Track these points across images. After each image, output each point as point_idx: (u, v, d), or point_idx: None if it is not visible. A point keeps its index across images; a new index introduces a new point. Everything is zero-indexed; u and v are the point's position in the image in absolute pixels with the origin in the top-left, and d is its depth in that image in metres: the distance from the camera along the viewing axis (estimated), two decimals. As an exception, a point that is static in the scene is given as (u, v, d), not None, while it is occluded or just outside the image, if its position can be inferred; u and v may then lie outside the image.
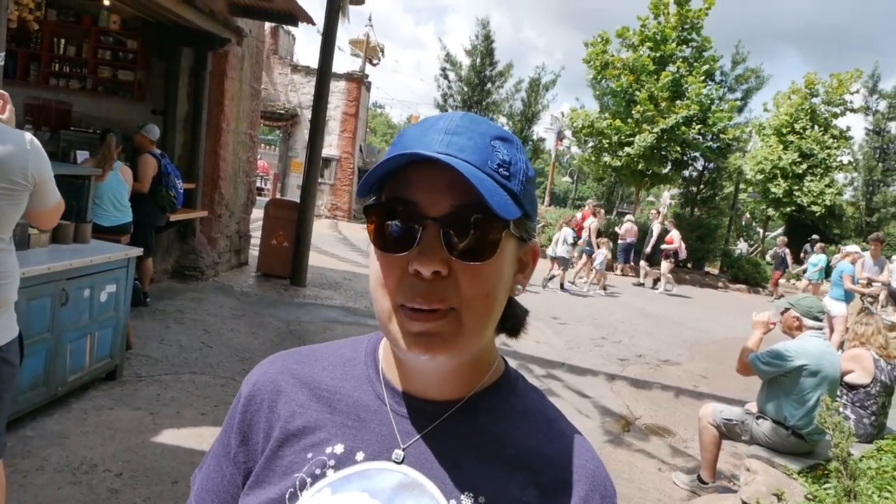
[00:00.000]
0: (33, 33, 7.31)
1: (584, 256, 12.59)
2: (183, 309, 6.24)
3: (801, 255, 16.22)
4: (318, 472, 0.68)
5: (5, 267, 1.97)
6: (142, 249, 4.55)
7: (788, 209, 19.60)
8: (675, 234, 13.66)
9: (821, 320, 3.87)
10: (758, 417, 3.87)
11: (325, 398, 0.73)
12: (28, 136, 2.01)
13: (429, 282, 0.61)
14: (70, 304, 3.61)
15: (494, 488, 0.67)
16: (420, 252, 0.61)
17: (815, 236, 16.17)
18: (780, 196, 19.35)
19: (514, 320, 0.79)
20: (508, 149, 0.66)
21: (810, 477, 3.55)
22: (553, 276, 11.88)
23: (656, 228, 14.57)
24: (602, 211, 14.23)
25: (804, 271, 14.97)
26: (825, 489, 3.13)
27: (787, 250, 15.21)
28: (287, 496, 0.68)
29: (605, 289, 12.40)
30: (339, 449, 0.69)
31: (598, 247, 12.46)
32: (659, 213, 16.41)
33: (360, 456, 0.69)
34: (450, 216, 0.61)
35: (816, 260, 13.77)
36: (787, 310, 3.96)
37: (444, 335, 0.62)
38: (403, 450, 0.69)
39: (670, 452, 4.62)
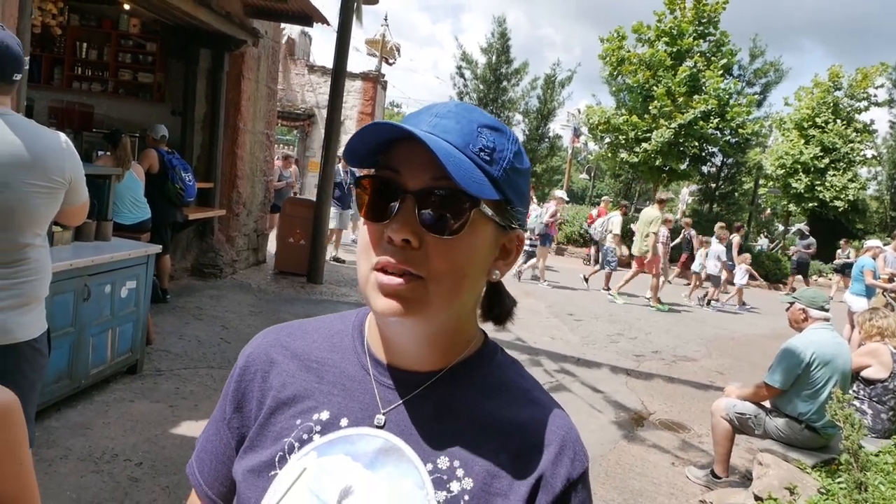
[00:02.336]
0: (56, 38, 7.49)
1: (726, 272, 12.33)
2: (202, 305, 6.36)
3: (791, 247, 16.04)
4: (305, 436, 0.73)
5: (41, 263, 2.05)
6: (160, 247, 4.66)
7: (810, 204, 19.32)
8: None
9: (827, 310, 3.84)
10: (771, 411, 3.86)
11: (313, 369, 0.79)
12: (63, 136, 2.10)
13: (401, 248, 0.66)
14: (92, 299, 3.71)
15: (469, 453, 0.71)
16: (394, 221, 0.66)
17: (799, 225, 15.87)
18: (802, 191, 19.09)
19: (500, 308, 0.82)
20: (497, 137, 0.70)
21: (824, 471, 3.54)
22: (705, 295, 11.74)
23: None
24: (742, 228, 13.63)
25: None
26: (838, 483, 3.12)
27: (693, 231, 15.15)
28: (277, 459, 0.73)
29: (743, 303, 12.25)
30: (324, 415, 0.74)
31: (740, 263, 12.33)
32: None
33: (344, 422, 0.74)
34: (425, 190, 0.66)
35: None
36: (791, 304, 3.95)
37: (410, 299, 0.67)
38: (384, 415, 0.73)
39: (684, 447, 4.62)
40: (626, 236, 14.66)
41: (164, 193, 5.95)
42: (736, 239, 12.71)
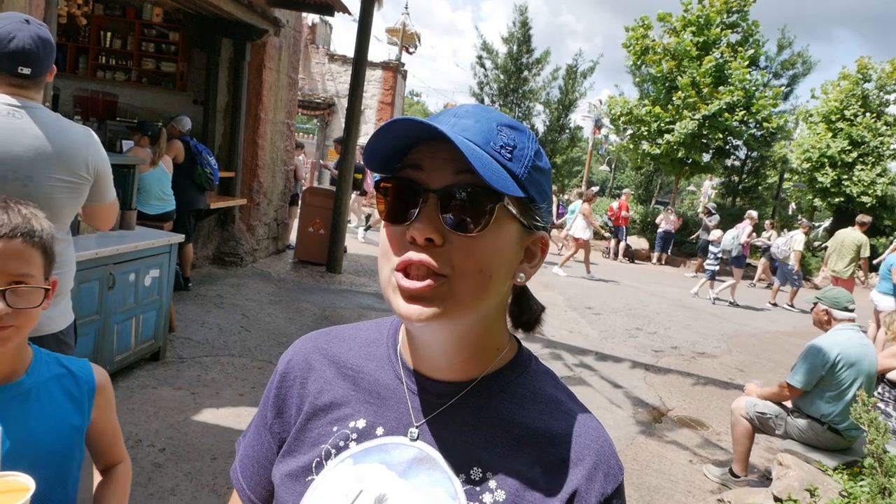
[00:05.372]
0: (81, 28, 7.57)
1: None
2: (223, 294, 6.42)
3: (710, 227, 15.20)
4: (341, 444, 0.74)
5: (65, 257, 2.08)
6: (183, 236, 4.71)
7: (836, 199, 18.92)
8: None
9: (851, 310, 3.77)
10: (793, 412, 3.81)
11: (350, 376, 0.79)
12: (89, 130, 2.11)
13: (424, 248, 0.65)
14: (116, 287, 3.77)
15: (501, 464, 0.71)
16: (418, 220, 0.65)
17: (711, 204, 15.22)
18: (828, 186, 18.67)
19: (529, 315, 0.82)
20: (517, 136, 0.69)
21: (846, 473, 3.49)
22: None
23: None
24: None
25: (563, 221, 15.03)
26: (860, 486, 3.07)
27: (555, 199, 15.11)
28: (314, 465, 0.74)
29: None
30: (361, 424, 0.75)
31: None
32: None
33: (379, 431, 0.74)
34: (448, 188, 0.65)
35: (573, 207, 14.31)
36: (815, 304, 3.89)
37: (433, 299, 0.65)
38: (417, 427, 0.73)
39: (702, 445, 4.59)
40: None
41: (194, 179, 6.03)
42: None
